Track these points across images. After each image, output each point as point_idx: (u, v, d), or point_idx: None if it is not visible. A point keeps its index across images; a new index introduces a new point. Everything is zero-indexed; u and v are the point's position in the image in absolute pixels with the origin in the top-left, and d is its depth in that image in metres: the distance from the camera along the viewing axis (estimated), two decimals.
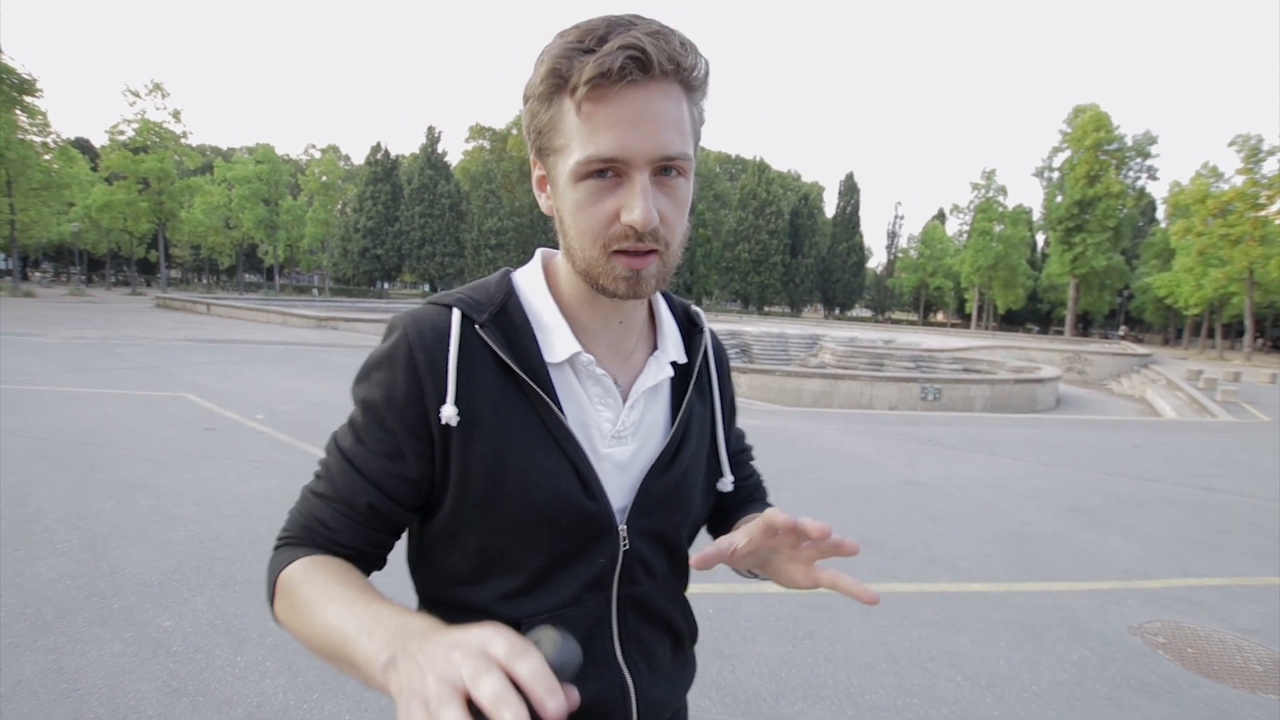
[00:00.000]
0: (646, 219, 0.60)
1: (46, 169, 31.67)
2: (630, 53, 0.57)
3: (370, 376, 0.69)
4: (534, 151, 0.67)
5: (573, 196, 0.63)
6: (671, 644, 0.81)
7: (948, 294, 62.61)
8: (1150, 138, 44.79)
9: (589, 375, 0.72)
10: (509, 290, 0.73)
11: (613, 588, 0.73)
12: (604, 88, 0.58)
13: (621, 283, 0.64)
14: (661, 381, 0.77)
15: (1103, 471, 6.73)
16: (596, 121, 0.59)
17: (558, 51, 0.59)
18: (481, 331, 0.68)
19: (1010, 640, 3.04)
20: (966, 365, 17.55)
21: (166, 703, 2.27)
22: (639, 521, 0.73)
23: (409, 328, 0.67)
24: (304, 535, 0.70)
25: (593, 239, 0.63)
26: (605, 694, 0.72)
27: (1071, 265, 44.52)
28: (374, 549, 0.70)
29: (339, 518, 0.68)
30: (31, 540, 3.53)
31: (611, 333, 0.74)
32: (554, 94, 0.61)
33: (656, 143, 0.59)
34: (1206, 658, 2.96)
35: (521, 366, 0.68)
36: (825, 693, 2.56)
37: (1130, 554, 4.29)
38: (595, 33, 0.58)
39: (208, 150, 67.10)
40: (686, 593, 0.85)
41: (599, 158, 0.59)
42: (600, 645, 0.73)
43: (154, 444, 5.60)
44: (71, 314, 20.81)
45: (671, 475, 0.76)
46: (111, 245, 47.26)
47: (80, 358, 10.80)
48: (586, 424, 0.71)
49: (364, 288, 54.87)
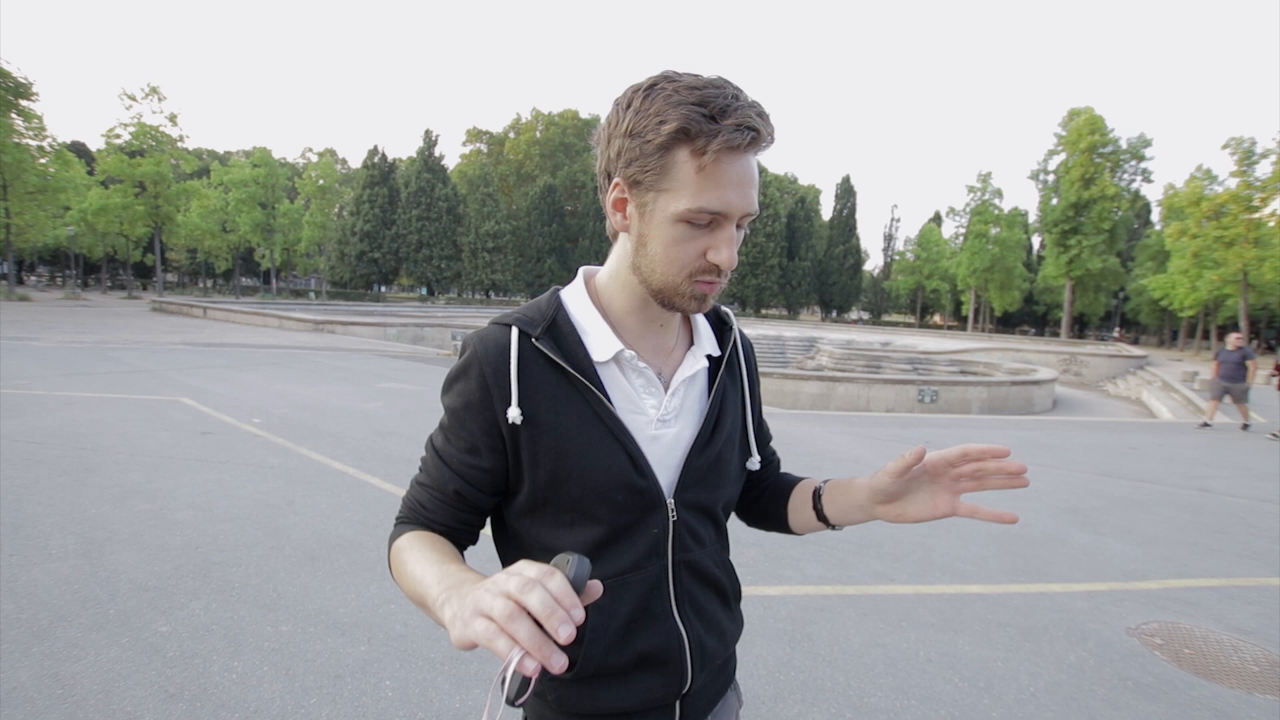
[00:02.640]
0: (731, 261, 0.76)
1: (42, 173, 31.60)
2: (752, 134, 0.71)
3: (452, 387, 0.83)
4: (625, 180, 0.77)
5: (671, 233, 0.75)
6: (720, 601, 0.92)
7: (944, 296, 62.78)
8: (1145, 140, 45.07)
9: (633, 369, 0.84)
10: (558, 306, 0.86)
11: (668, 555, 0.85)
12: (726, 154, 0.71)
13: (693, 301, 0.80)
14: (698, 371, 0.90)
15: (1099, 473, 6.74)
16: (711, 180, 0.72)
17: (685, 112, 0.70)
18: (538, 343, 0.80)
19: (1008, 641, 3.04)
20: (963, 367, 17.59)
21: (163, 708, 2.26)
22: (685, 495, 0.85)
23: (477, 346, 0.82)
24: (410, 515, 0.86)
25: (679, 269, 0.77)
26: (664, 645, 0.84)
27: (1067, 267, 44.71)
28: (463, 526, 0.86)
29: (434, 501, 0.84)
30: (27, 545, 3.51)
31: (654, 334, 0.88)
32: (674, 145, 0.72)
33: (748, 203, 0.74)
34: (1203, 658, 2.97)
35: (573, 366, 0.80)
36: (823, 695, 2.56)
37: (1127, 555, 4.30)
38: (715, 103, 0.70)
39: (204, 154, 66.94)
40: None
41: (708, 210, 0.73)
42: (659, 604, 0.85)
43: (150, 448, 5.58)
44: (67, 318, 20.74)
45: (710, 452, 0.88)
46: (107, 249, 47.08)
47: (76, 362, 10.76)
48: (634, 411, 0.83)
49: (361, 291, 54.79)
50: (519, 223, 55.51)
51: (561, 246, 55.84)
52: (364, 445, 6.09)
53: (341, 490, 4.74)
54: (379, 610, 2.99)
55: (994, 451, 0.77)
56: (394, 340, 19.89)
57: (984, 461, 0.79)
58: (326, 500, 4.50)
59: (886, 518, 0.85)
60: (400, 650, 2.70)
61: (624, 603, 0.82)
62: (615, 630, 0.82)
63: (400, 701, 2.38)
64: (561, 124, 61.29)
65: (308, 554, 3.59)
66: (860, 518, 0.90)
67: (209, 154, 68.30)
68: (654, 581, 0.84)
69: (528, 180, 60.64)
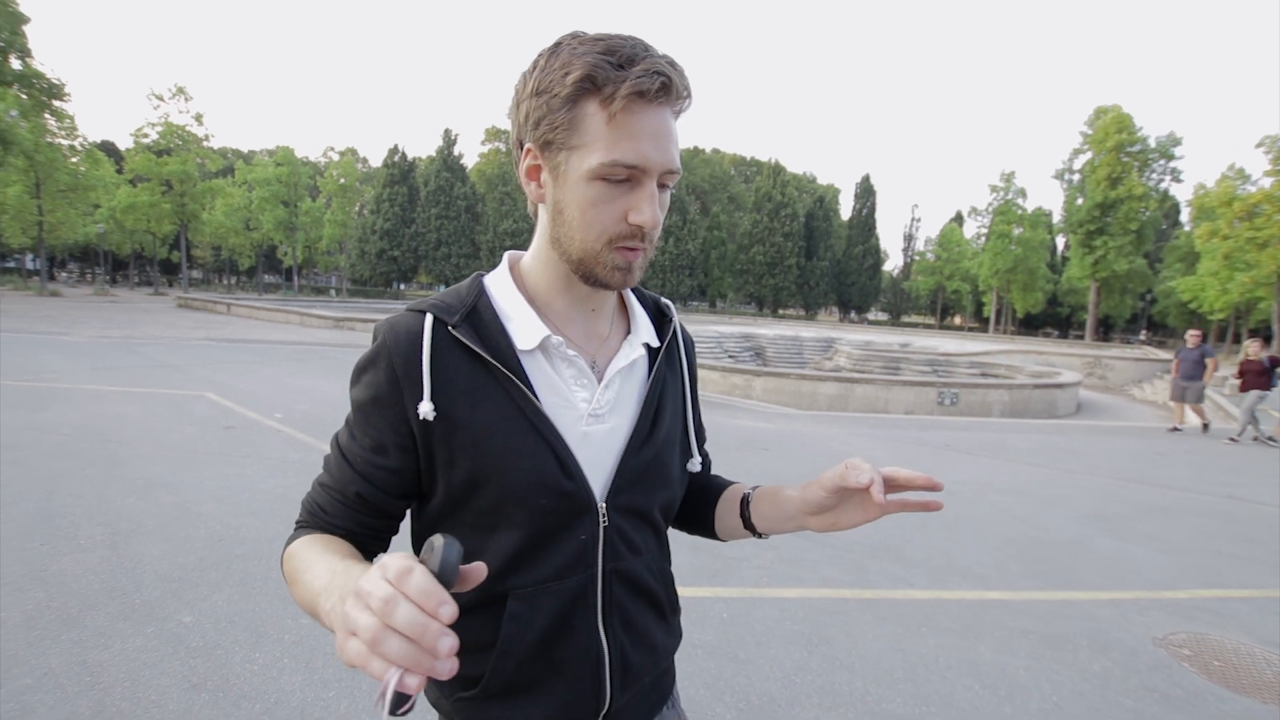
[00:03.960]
0: (654, 220, 0.69)
1: (73, 171, 32.37)
2: (663, 78, 0.66)
3: (359, 379, 0.76)
4: (535, 143, 0.71)
5: (587, 193, 0.69)
6: (654, 614, 0.86)
7: (965, 297, 61.90)
8: (1174, 139, 44.05)
9: (561, 358, 0.77)
10: (479, 291, 0.78)
11: (597, 563, 0.78)
12: (637, 104, 0.66)
13: (616, 273, 0.72)
14: (636, 362, 0.84)
15: (1125, 479, 6.61)
16: (624, 131, 0.66)
17: (591, 60, 0.66)
18: (454, 331, 0.73)
19: (1030, 649, 2.99)
20: (984, 370, 17.34)
21: (186, 698, 2.30)
22: (618, 499, 0.79)
23: (387, 335, 0.74)
24: (309, 519, 0.78)
25: (599, 233, 0.70)
26: (581, 659, 0.78)
27: (1092, 269, 43.84)
28: (366, 531, 0.77)
29: (334, 503, 0.76)
30: (57, 535, 3.60)
31: (585, 319, 0.81)
32: (581, 97, 0.67)
33: (668, 157, 0.69)
34: (1235, 671, 2.89)
35: (493, 356, 0.73)
36: (840, 700, 2.53)
37: (1154, 563, 4.20)
38: (621, 51, 0.66)
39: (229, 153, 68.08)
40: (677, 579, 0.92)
41: (624, 163, 0.67)
42: (582, 615, 0.78)
43: (175, 441, 5.69)
44: (96, 313, 21.23)
45: (648, 451, 0.81)
46: (135, 246, 48.13)
47: (104, 356, 11.01)
48: (563, 406, 0.76)
49: (380, 289, 55.39)
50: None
51: None
52: None
53: None
54: None
55: (925, 482, 0.70)
56: None
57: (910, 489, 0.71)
58: None
59: (817, 528, 0.80)
60: None
61: (542, 613, 0.76)
62: (531, 642, 0.76)
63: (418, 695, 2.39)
64: None
65: None
66: (790, 528, 0.84)
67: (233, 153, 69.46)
68: (578, 591, 0.77)
69: None
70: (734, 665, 2.71)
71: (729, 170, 73.48)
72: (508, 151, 62.58)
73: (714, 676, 2.62)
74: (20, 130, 27.58)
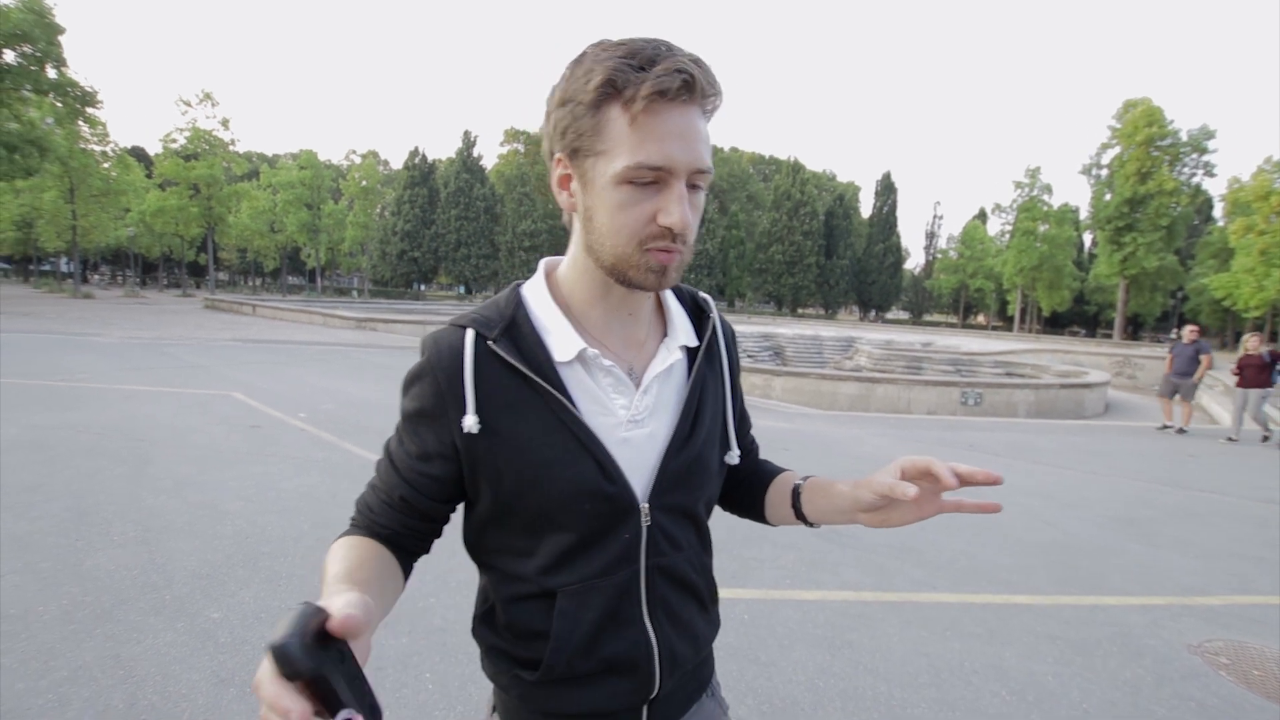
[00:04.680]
0: (684, 221, 0.69)
1: (105, 176, 33.32)
2: (684, 76, 0.66)
3: (408, 391, 0.80)
4: (564, 151, 0.73)
5: (615, 197, 0.70)
6: (696, 605, 0.89)
7: (989, 296, 60.85)
8: (1207, 132, 42.86)
9: (599, 368, 0.79)
10: (517, 303, 0.81)
11: (640, 560, 0.81)
12: (659, 104, 0.66)
13: (650, 275, 0.72)
14: (674, 365, 0.85)
15: (1155, 482, 6.45)
16: (648, 133, 0.67)
17: (612, 64, 0.66)
18: (494, 345, 0.76)
19: (1058, 655, 2.93)
20: (1009, 369, 17.03)
21: (215, 692, 2.34)
22: (660, 499, 0.81)
23: (431, 351, 0.77)
24: (359, 518, 0.83)
25: (628, 236, 0.71)
26: (631, 651, 0.81)
27: (1121, 266, 42.86)
28: (410, 533, 0.82)
29: (381, 505, 0.81)
30: (91, 532, 3.69)
31: (623, 325, 0.82)
32: (604, 102, 0.68)
33: (695, 156, 0.68)
34: (1276, 681, 2.81)
35: (533, 369, 0.75)
36: (864, 704, 2.50)
37: (1186, 568, 4.10)
38: (643, 53, 0.66)
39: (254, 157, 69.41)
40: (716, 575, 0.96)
41: (648, 165, 0.67)
42: (629, 610, 0.81)
43: (202, 441, 5.81)
44: (126, 315, 21.77)
45: (689, 452, 0.83)
46: (164, 249, 49.27)
47: (134, 357, 11.29)
48: (601, 414, 0.78)
49: (401, 289, 56.08)
50: (555, 222, 55.85)
51: None
52: None
53: None
54: (419, 604, 3.05)
55: (984, 477, 0.71)
56: None
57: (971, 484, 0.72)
58: None
59: (869, 524, 0.83)
60: (440, 643, 2.74)
61: (591, 609, 0.79)
62: (581, 636, 0.79)
63: (440, 694, 2.41)
64: None
65: None
66: (840, 520, 0.87)
67: (258, 157, 70.81)
68: (624, 587, 0.80)
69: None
70: (756, 667, 2.70)
71: (747, 169, 73.08)
72: (526, 152, 63.14)
73: (736, 678, 2.60)
74: (55, 138, 28.39)
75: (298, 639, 0.46)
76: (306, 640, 0.46)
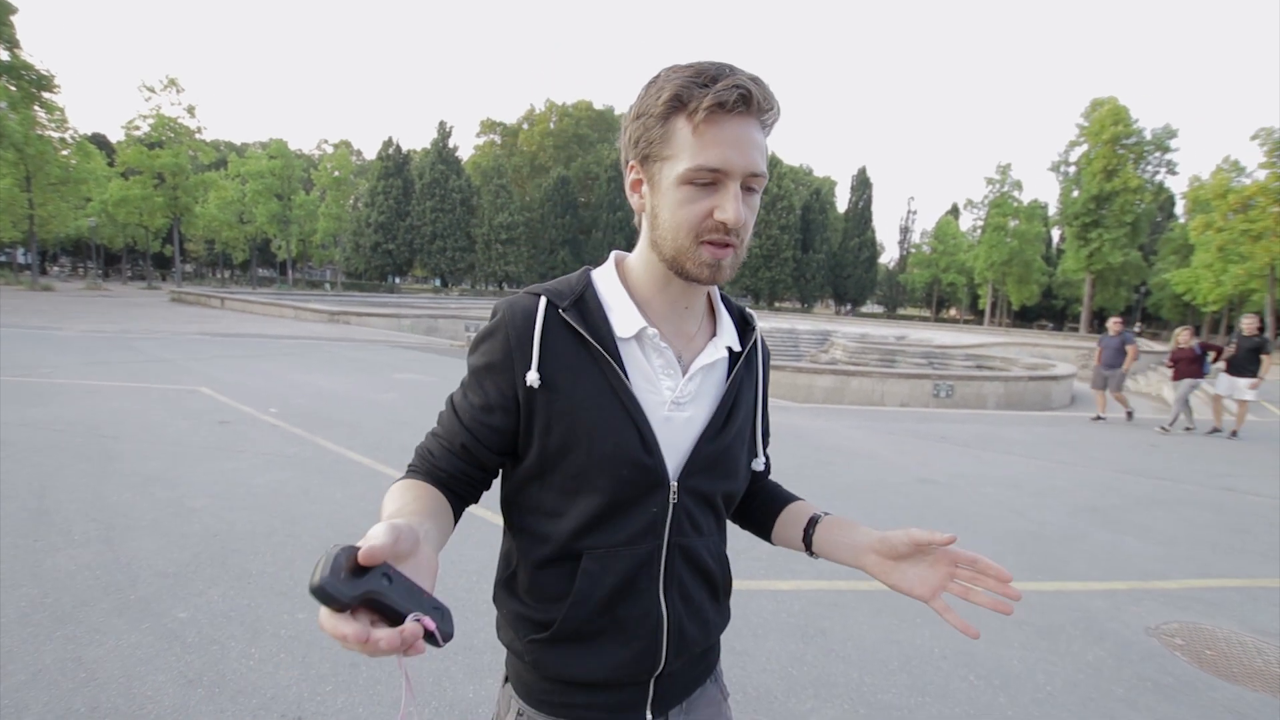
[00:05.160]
0: (738, 217, 0.76)
1: (64, 164, 32.06)
2: (740, 91, 0.74)
3: (479, 348, 0.87)
4: (636, 158, 0.82)
5: (676, 196, 0.78)
6: (708, 591, 0.94)
7: (961, 290, 61.98)
8: (1170, 131, 44.02)
9: (654, 348, 0.86)
10: (587, 283, 0.89)
11: (664, 535, 0.87)
12: (718, 114, 0.74)
13: (705, 268, 0.79)
14: (718, 361, 0.92)
15: (1119, 470, 6.64)
16: (708, 139, 0.75)
17: (680, 82, 0.76)
18: (564, 314, 0.84)
19: (1024, 640, 3.01)
20: (980, 362, 17.38)
21: (182, 693, 2.29)
22: (689, 481, 0.87)
23: (506, 312, 0.85)
24: (419, 463, 0.90)
25: (688, 230, 0.78)
26: (641, 620, 0.87)
27: (1087, 261, 43.94)
28: (464, 479, 0.88)
29: (442, 450, 0.88)
30: (51, 531, 3.58)
31: (678, 316, 0.90)
32: (671, 114, 0.77)
33: (749, 161, 0.76)
34: (1226, 660, 2.92)
35: (595, 339, 0.83)
36: (836, 691, 2.55)
37: (1147, 554, 4.23)
38: (708, 72, 0.75)
39: (221, 145, 67.59)
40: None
41: (707, 167, 0.75)
42: (646, 580, 0.87)
43: (169, 437, 5.66)
44: (89, 308, 21.09)
45: (721, 442, 0.89)
46: (127, 240, 47.80)
47: (97, 351, 10.94)
48: (650, 390, 0.85)
49: (375, 282, 55.19)
50: (532, 214, 55.52)
51: (575, 238, 55.80)
52: (379, 435, 6.13)
53: (356, 480, 4.79)
54: None
55: (999, 573, 0.84)
56: (408, 331, 20.01)
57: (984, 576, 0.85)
58: (342, 490, 4.54)
59: (873, 571, 0.89)
60: None
61: (612, 573, 0.85)
62: (600, 598, 0.85)
63: (415, 690, 2.39)
64: (575, 115, 61.10)
65: (323, 543, 3.63)
66: (847, 556, 0.92)
67: (226, 145, 68.95)
68: (645, 559, 0.86)
69: (541, 172, 60.58)
70: (731, 656, 2.72)
71: None
72: (503, 144, 62.51)
73: None
74: (10, 122, 27.30)
75: (331, 575, 0.50)
76: (340, 575, 0.50)
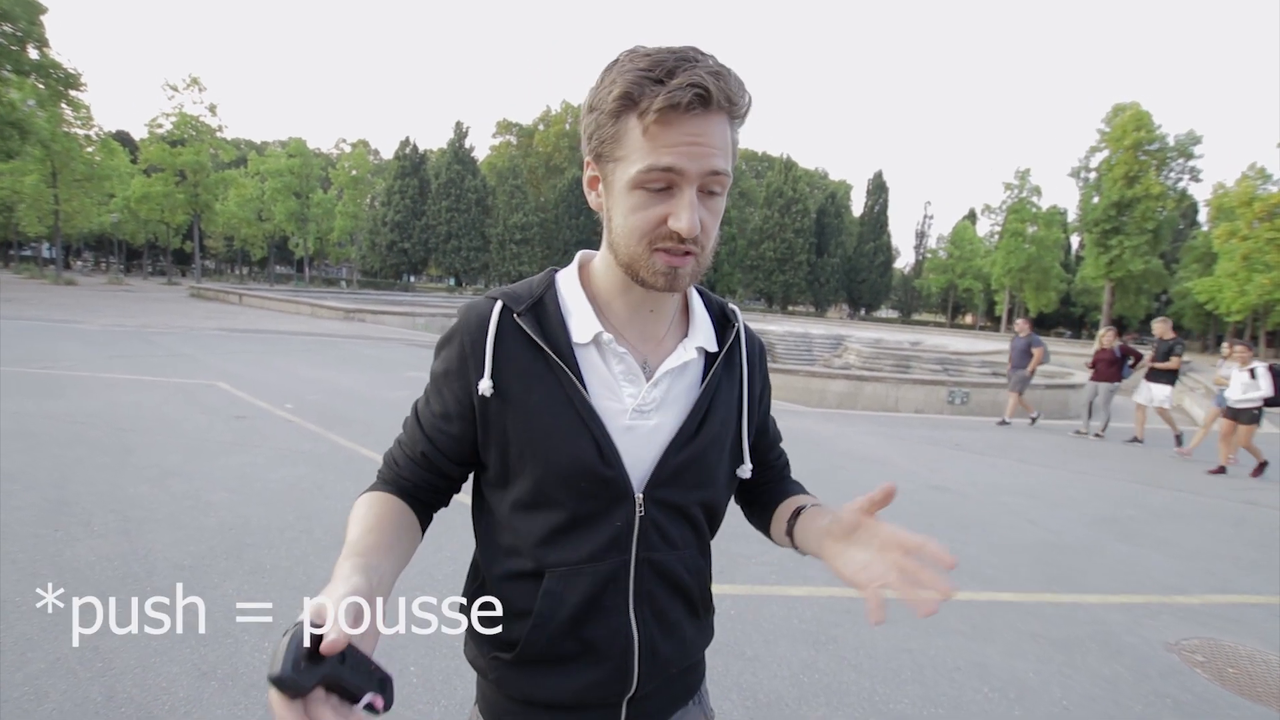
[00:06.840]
0: (692, 226, 0.71)
1: (89, 161, 32.72)
2: (696, 90, 0.67)
3: (439, 353, 0.85)
4: (591, 155, 0.77)
5: (629, 200, 0.73)
6: (685, 608, 0.88)
7: (977, 296, 61.32)
8: (1194, 138, 43.36)
9: (612, 354, 0.82)
10: (549, 285, 0.85)
11: (631, 550, 0.82)
12: (671, 115, 0.68)
13: (660, 277, 0.75)
14: (689, 364, 0.86)
15: (1138, 482, 6.54)
16: (659, 141, 0.69)
17: (631, 77, 0.69)
18: (519, 319, 0.80)
19: (1040, 653, 2.96)
20: (995, 369, 17.18)
21: (196, 685, 2.32)
22: (657, 492, 0.82)
23: (462, 317, 0.83)
24: (385, 470, 0.89)
25: (639, 238, 0.74)
26: (610, 640, 0.82)
27: (1107, 269, 43.30)
28: (429, 488, 0.87)
29: (405, 459, 0.87)
30: (72, 522, 3.64)
31: (643, 320, 0.85)
32: (622, 112, 0.71)
33: (704, 162, 0.70)
34: (1249, 679, 2.86)
35: (550, 346, 0.79)
36: (848, 699, 2.52)
37: (1167, 568, 4.16)
38: (664, 65, 0.68)
39: (242, 144, 68.46)
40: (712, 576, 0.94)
41: (657, 167, 0.69)
42: (613, 598, 0.82)
43: (187, 430, 5.74)
44: (110, 302, 21.46)
45: (692, 450, 0.83)
46: (149, 236, 48.57)
47: (118, 345, 11.13)
48: (609, 398, 0.81)
49: (390, 280, 55.68)
50: (546, 215, 55.72)
51: (588, 239, 55.83)
52: (391, 433, 6.05)
53: (369, 476, 4.70)
54: (405, 596, 3.03)
55: (940, 558, 0.74)
56: (423, 330, 20.16)
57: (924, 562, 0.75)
58: (355, 486, 4.56)
59: (828, 559, 0.81)
60: (426, 637, 2.73)
61: (575, 593, 0.80)
62: (563, 619, 0.80)
63: (424, 688, 2.40)
64: None
65: (337, 538, 3.63)
66: (813, 548, 0.85)
67: (246, 144, 69.82)
68: (611, 575, 0.81)
69: (556, 173, 60.77)
70: (741, 662, 2.71)
71: (740, 165, 73.05)
72: (519, 145, 62.81)
73: (721, 674, 2.61)
74: (37, 120, 27.86)
75: (291, 666, 0.50)
76: (300, 665, 0.50)
